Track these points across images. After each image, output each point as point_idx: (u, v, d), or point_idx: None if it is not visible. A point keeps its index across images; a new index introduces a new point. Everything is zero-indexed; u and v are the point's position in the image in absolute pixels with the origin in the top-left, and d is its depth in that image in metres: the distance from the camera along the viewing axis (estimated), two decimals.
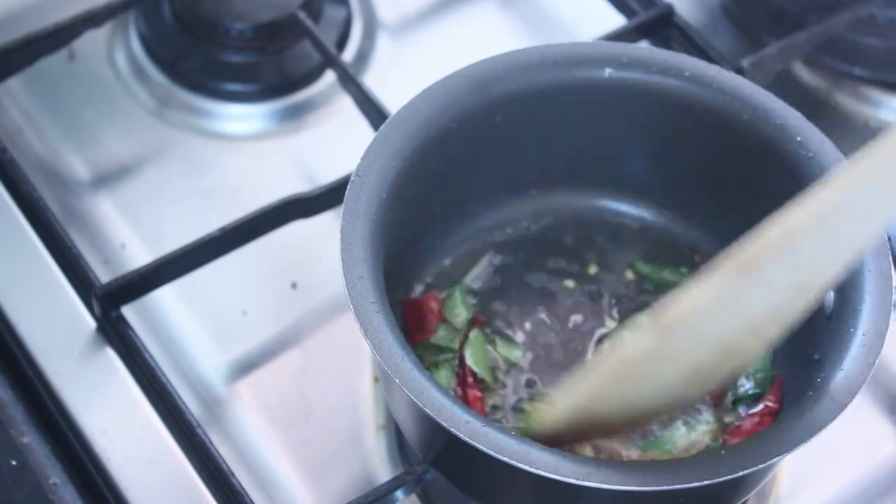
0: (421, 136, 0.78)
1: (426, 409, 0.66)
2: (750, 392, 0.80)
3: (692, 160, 0.84)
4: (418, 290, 0.84)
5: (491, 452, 0.65)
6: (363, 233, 0.73)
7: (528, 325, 0.83)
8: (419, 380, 0.67)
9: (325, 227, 0.89)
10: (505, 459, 0.65)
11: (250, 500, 0.76)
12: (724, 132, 0.81)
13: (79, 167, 0.97)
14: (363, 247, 0.72)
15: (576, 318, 0.84)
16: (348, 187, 0.74)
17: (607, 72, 0.81)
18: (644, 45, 0.98)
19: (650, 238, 0.87)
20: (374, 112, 0.93)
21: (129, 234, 0.93)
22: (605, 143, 0.85)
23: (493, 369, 0.81)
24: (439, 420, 0.66)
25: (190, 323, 0.89)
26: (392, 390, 0.75)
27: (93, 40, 1.01)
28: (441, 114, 0.79)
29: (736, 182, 0.83)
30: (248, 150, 0.98)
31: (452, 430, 0.65)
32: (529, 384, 0.81)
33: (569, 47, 0.82)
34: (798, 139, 0.78)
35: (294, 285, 0.91)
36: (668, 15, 1.00)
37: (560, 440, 0.70)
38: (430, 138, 0.78)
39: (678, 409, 0.78)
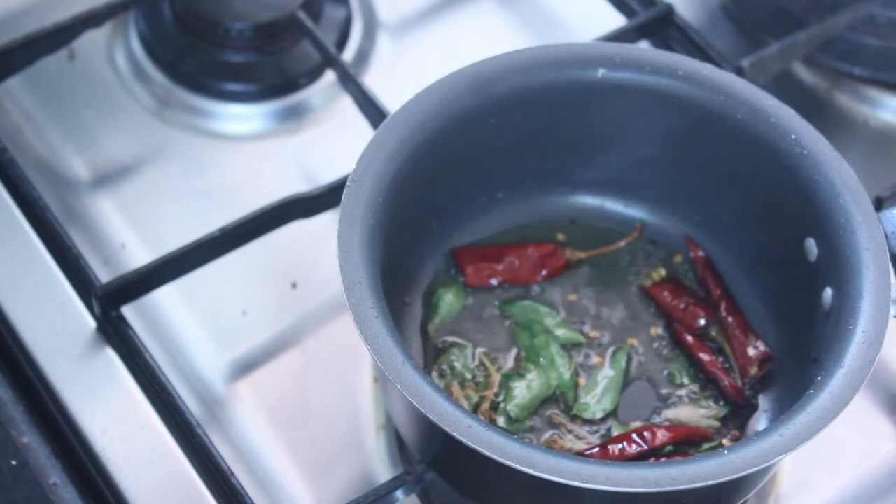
0: (416, 139, 0.78)
1: (428, 414, 0.66)
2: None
3: (687, 159, 0.84)
4: (418, 290, 0.84)
5: (495, 457, 0.65)
6: (361, 237, 0.72)
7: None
8: (420, 385, 0.67)
9: (325, 227, 0.89)
10: (509, 464, 0.65)
11: (250, 500, 0.76)
12: (719, 131, 0.81)
13: (79, 167, 0.97)
14: (361, 251, 0.72)
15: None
16: (344, 192, 0.74)
17: (601, 72, 0.81)
18: (644, 46, 0.98)
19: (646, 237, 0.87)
20: (374, 112, 0.93)
21: (129, 234, 0.93)
22: (600, 143, 0.85)
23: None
24: (442, 425, 0.66)
25: (190, 323, 0.89)
26: (391, 394, 0.75)
27: (93, 40, 1.01)
28: (436, 116, 0.78)
29: (731, 180, 0.83)
30: (248, 150, 0.98)
31: (455, 434, 0.65)
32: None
33: (562, 48, 0.82)
34: (792, 137, 0.78)
35: (294, 285, 0.91)
36: (668, 15, 1.00)
37: None
38: (425, 141, 0.78)
39: None
